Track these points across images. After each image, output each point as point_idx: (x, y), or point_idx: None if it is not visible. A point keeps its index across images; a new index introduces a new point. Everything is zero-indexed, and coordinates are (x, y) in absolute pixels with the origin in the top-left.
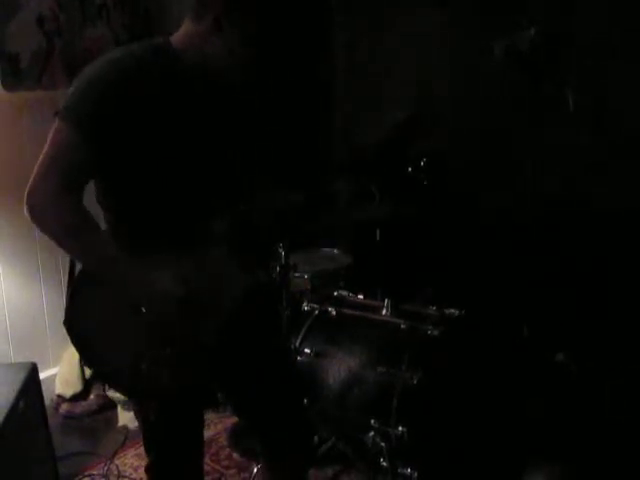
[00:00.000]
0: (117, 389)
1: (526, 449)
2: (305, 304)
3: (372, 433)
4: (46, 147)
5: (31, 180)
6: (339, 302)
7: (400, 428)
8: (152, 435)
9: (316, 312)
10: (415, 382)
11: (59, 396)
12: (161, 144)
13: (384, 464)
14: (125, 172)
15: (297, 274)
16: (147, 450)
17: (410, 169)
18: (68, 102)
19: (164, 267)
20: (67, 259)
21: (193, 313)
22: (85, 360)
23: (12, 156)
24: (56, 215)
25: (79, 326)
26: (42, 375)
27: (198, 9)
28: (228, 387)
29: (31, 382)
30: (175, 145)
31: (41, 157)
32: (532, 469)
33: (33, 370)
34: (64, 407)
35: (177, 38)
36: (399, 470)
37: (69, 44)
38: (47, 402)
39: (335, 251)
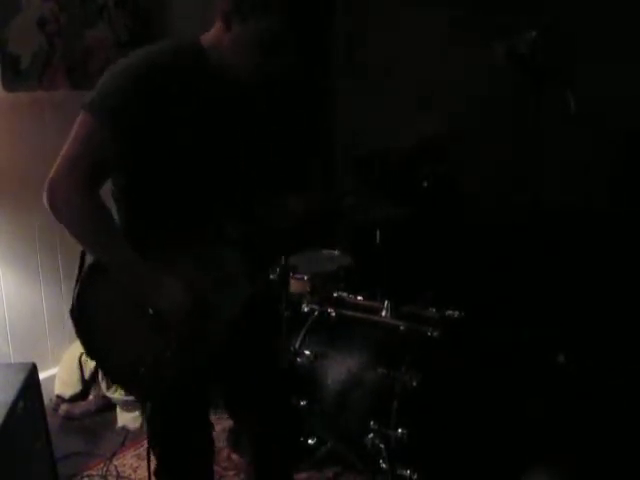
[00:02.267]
0: (117, 384)
1: (526, 451)
2: (305, 305)
3: (371, 435)
4: (70, 139)
5: (54, 171)
6: (339, 303)
7: (400, 430)
8: (159, 437)
9: (316, 313)
10: (415, 384)
11: (58, 397)
12: (182, 141)
13: (383, 466)
14: (146, 168)
15: (297, 275)
16: (155, 453)
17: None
18: (95, 95)
19: (174, 274)
20: (66, 259)
21: (198, 317)
22: (87, 352)
23: (12, 157)
24: (77, 208)
25: (85, 317)
26: (41, 375)
27: (216, 6)
28: (223, 384)
29: (30, 382)
30: (195, 143)
31: (65, 149)
32: (532, 471)
33: (32, 370)
34: (63, 408)
35: (205, 37)
36: (398, 472)
37: (70, 45)
38: (46, 402)
39: (335, 252)
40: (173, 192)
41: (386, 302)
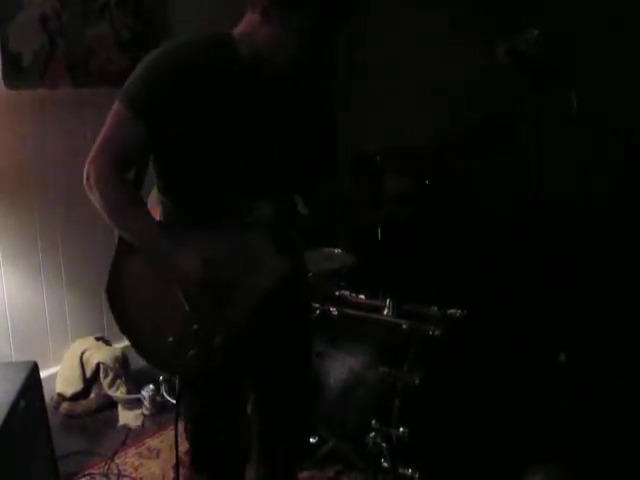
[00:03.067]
0: (146, 359)
1: (527, 450)
2: None
3: (373, 433)
4: (106, 125)
5: (92, 151)
6: (341, 302)
7: (401, 429)
8: (189, 414)
9: (318, 312)
10: (416, 382)
11: (59, 395)
12: (212, 131)
13: (385, 465)
14: (178, 156)
15: None
16: (186, 431)
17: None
18: (128, 85)
19: (191, 247)
20: (67, 258)
21: (219, 295)
22: (120, 327)
23: (14, 155)
24: (107, 186)
25: (118, 294)
26: (43, 374)
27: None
28: (247, 370)
29: (32, 381)
30: (226, 132)
31: (101, 133)
32: (533, 470)
33: (34, 369)
34: (64, 406)
35: (238, 29)
36: (400, 471)
37: (71, 43)
38: (47, 401)
39: (337, 251)
40: (202, 176)
41: (388, 301)
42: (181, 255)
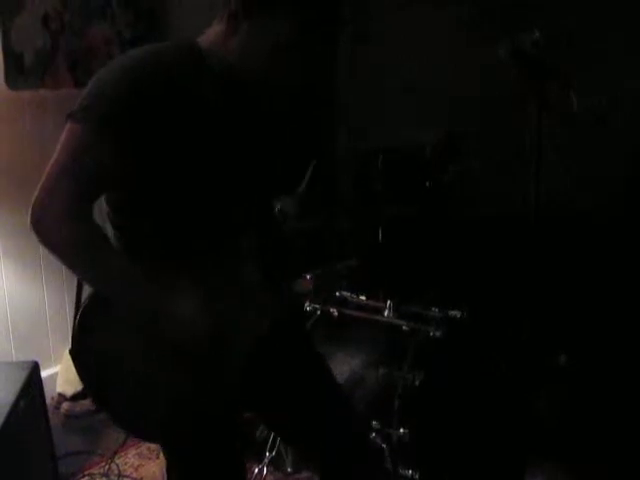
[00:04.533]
0: (129, 430)
1: (528, 451)
2: (307, 305)
3: (374, 434)
4: (56, 154)
5: (37, 192)
6: (341, 303)
7: (401, 429)
8: None
9: (318, 313)
10: (417, 383)
11: (60, 395)
12: (185, 148)
13: (386, 465)
14: (149, 181)
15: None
16: None
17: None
18: (87, 101)
19: (186, 293)
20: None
21: (217, 341)
22: (93, 397)
23: (15, 155)
24: (65, 231)
25: (88, 358)
26: (43, 374)
27: (221, 5)
28: (270, 419)
29: (33, 381)
30: (199, 149)
31: (50, 166)
32: (534, 471)
33: (35, 369)
34: (65, 406)
35: (204, 38)
36: (400, 472)
37: (73, 43)
38: (48, 401)
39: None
40: (179, 206)
41: (389, 302)
42: (175, 298)
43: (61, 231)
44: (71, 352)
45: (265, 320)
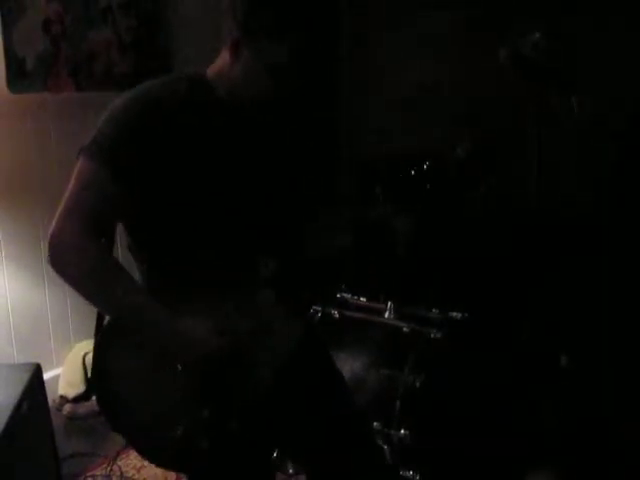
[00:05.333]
0: (151, 458)
1: (529, 452)
2: None
3: (374, 436)
4: (70, 188)
5: (53, 223)
6: (342, 305)
7: (402, 431)
8: None
9: (319, 314)
10: (418, 385)
11: (62, 397)
12: (194, 181)
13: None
14: (155, 213)
15: None
16: None
17: (413, 172)
18: (95, 139)
19: (199, 315)
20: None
21: (235, 367)
22: (112, 425)
23: (17, 159)
24: (78, 260)
25: (107, 384)
26: (45, 376)
27: (224, 34)
28: (295, 450)
29: (35, 383)
30: (209, 182)
31: (64, 199)
32: (535, 472)
33: (37, 371)
34: (67, 408)
35: (211, 69)
36: (401, 473)
37: (74, 47)
38: (50, 403)
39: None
40: (190, 234)
41: (389, 303)
42: (190, 323)
43: (72, 258)
44: (90, 380)
45: (284, 346)
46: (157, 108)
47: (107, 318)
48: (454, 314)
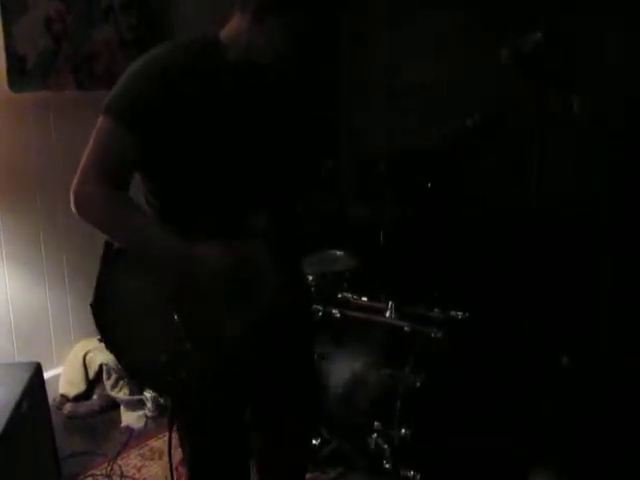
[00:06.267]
0: (136, 378)
1: (530, 452)
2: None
3: (375, 435)
4: (90, 142)
5: (77, 174)
6: (343, 304)
7: (403, 430)
8: (186, 432)
9: (320, 314)
10: (418, 384)
11: (62, 396)
12: (204, 138)
13: (387, 466)
14: (168, 166)
15: None
16: (183, 446)
17: (414, 172)
18: (112, 97)
19: (208, 245)
20: (71, 259)
21: (228, 300)
22: (106, 345)
23: (18, 157)
24: (101, 206)
25: (105, 309)
26: (46, 375)
27: (242, 1)
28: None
29: (35, 382)
30: (217, 139)
31: (86, 152)
32: (535, 472)
33: (37, 370)
34: (67, 407)
35: (225, 32)
36: (402, 472)
37: (75, 45)
38: (50, 402)
39: (339, 253)
40: (195, 187)
41: (390, 303)
42: (204, 246)
43: (94, 204)
44: (92, 304)
45: (264, 297)
46: (172, 68)
47: (115, 246)
48: (455, 314)
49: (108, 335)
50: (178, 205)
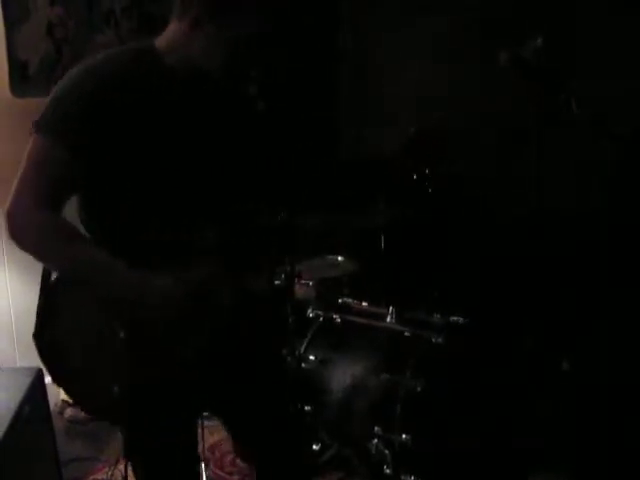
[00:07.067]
0: (87, 409)
1: (530, 456)
2: (310, 311)
3: (376, 440)
4: (23, 163)
5: (9, 199)
6: (344, 309)
7: (404, 435)
8: (139, 459)
9: (321, 319)
10: (419, 389)
11: (64, 401)
12: (144, 151)
13: (387, 471)
14: (108, 183)
15: (302, 281)
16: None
17: (415, 176)
18: (44, 114)
19: (161, 275)
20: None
21: (175, 327)
22: (53, 378)
23: (19, 162)
24: (37, 233)
25: (50, 341)
26: (47, 380)
27: (180, 6)
28: (217, 402)
29: (37, 387)
30: (158, 151)
31: (19, 175)
32: (536, 477)
33: (39, 375)
34: (68, 412)
35: (161, 40)
36: (402, 478)
37: (77, 51)
38: (52, 407)
39: (340, 258)
40: (137, 205)
41: (391, 308)
42: (145, 275)
43: (30, 232)
44: (34, 335)
45: (216, 313)
46: (104, 78)
47: (54, 276)
48: (455, 319)
49: (54, 367)
50: (119, 225)
